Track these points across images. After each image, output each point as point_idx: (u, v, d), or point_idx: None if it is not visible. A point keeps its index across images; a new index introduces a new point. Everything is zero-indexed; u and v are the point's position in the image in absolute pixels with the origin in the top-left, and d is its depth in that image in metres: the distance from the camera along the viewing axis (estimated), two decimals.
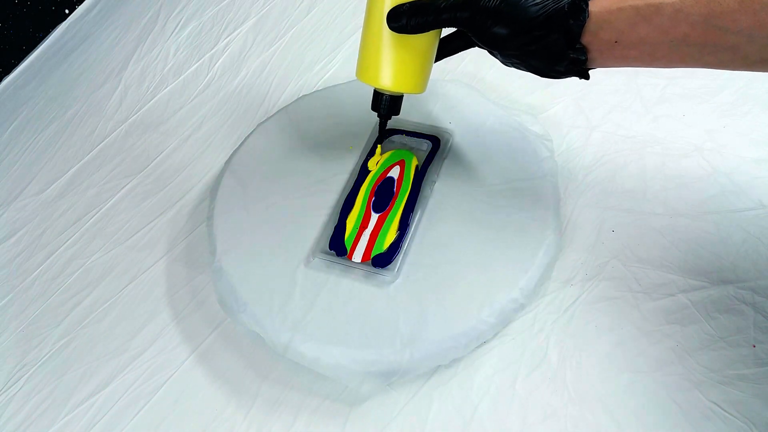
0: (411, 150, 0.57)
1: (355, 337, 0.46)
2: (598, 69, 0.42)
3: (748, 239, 0.48)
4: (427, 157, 0.56)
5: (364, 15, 0.47)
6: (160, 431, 0.48)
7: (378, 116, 0.51)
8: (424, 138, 0.58)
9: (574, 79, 0.43)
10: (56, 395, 0.52)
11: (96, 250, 0.62)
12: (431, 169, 0.55)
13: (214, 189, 0.59)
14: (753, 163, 0.52)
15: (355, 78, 0.67)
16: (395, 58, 0.46)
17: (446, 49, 0.49)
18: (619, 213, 0.52)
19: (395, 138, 0.59)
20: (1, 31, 0.85)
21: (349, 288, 0.49)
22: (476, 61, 0.65)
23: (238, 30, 0.80)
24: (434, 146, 0.57)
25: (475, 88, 0.61)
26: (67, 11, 0.92)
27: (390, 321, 0.47)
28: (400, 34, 0.45)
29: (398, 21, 0.44)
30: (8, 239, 0.65)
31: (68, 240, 0.63)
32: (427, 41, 0.46)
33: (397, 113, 0.51)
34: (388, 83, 0.47)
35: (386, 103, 0.50)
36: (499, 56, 0.44)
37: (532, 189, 0.52)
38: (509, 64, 0.44)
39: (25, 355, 0.55)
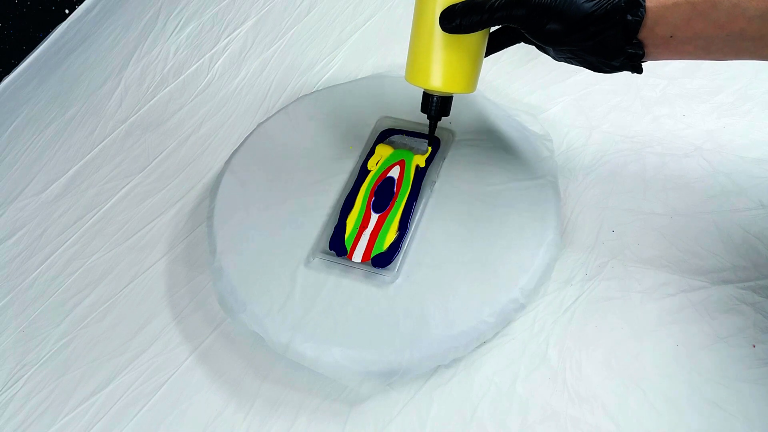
0: (411, 150, 0.57)
1: (355, 337, 0.46)
2: None
3: (748, 239, 0.48)
4: (427, 157, 0.56)
5: (412, 17, 0.47)
6: (160, 431, 0.48)
7: (428, 118, 0.51)
8: (424, 138, 0.58)
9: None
10: (56, 395, 0.52)
11: (96, 250, 0.62)
12: (431, 169, 0.55)
13: (214, 189, 0.59)
14: (753, 163, 0.52)
15: (355, 78, 0.67)
16: (447, 58, 0.46)
17: (491, 45, 0.49)
18: (619, 213, 0.52)
19: (395, 138, 0.59)
20: (1, 31, 0.85)
21: (349, 288, 0.49)
22: None
23: (238, 30, 0.80)
24: (434, 146, 0.57)
25: None
26: (67, 11, 0.92)
27: (390, 321, 0.47)
28: (452, 34, 0.44)
29: (452, 21, 0.43)
30: (8, 239, 0.65)
31: (68, 240, 0.63)
32: (477, 40, 0.46)
33: (447, 114, 0.50)
34: (439, 84, 0.47)
35: (436, 105, 0.49)
36: (551, 52, 0.44)
37: (532, 189, 0.52)
38: (561, 60, 0.44)
39: (25, 355, 0.55)
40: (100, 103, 0.77)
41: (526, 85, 0.63)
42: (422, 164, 0.56)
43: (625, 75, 0.60)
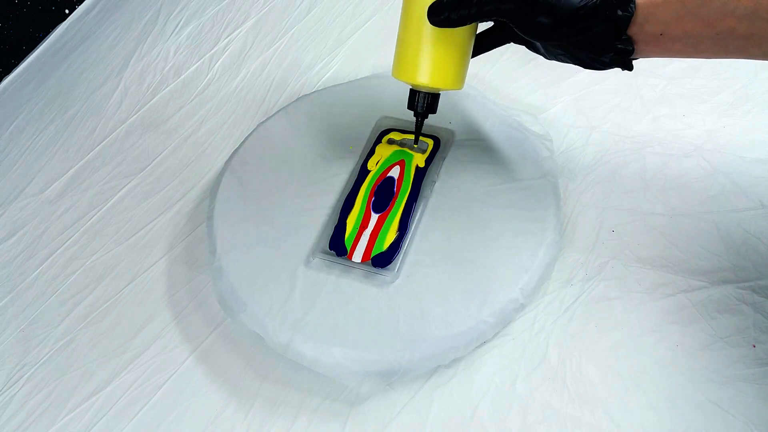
0: (411, 150, 0.57)
1: (355, 337, 0.46)
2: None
3: (748, 239, 0.48)
4: (427, 157, 0.56)
5: (401, 12, 0.46)
6: (160, 431, 0.48)
7: (414, 115, 0.50)
8: (424, 138, 0.58)
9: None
10: (56, 395, 0.52)
11: (96, 250, 0.62)
12: (431, 169, 0.55)
13: (214, 189, 0.59)
14: (753, 163, 0.52)
15: (355, 78, 0.67)
16: (434, 53, 0.45)
17: (482, 45, 0.48)
18: (619, 213, 0.52)
19: (395, 138, 0.59)
20: (1, 31, 0.85)
21: (349, 288, 0.49)
22: (476, 61, 0.65)
23: (238, 30, 0.80)
24: (434, 146, 0.57)
25: (475, 88, 0.61)
26: (67, 11, 0.92)
27: (390, 321, 0.47)
28: (440, 29, 0.44)
29: (440, 14, 0.43)
30: (8, 239, 0.65)
31: (68, 240, 0.63)
32: (465, 35, 0.45)
33: (434, 111, 0.50)
34: (427, 80, 0.46)
35: (424, 101, 0.48)
36: (541, 49, 0.44)
37: (532, 189, 0.52)
38: (552, 57, 0.44)
39: (25, 355, 0.55)
40: (100, 103, 0.77)
41: (526, 85, 0.63)
42: (422, 164, 0.56)
43: (625, 75, 0.60)
